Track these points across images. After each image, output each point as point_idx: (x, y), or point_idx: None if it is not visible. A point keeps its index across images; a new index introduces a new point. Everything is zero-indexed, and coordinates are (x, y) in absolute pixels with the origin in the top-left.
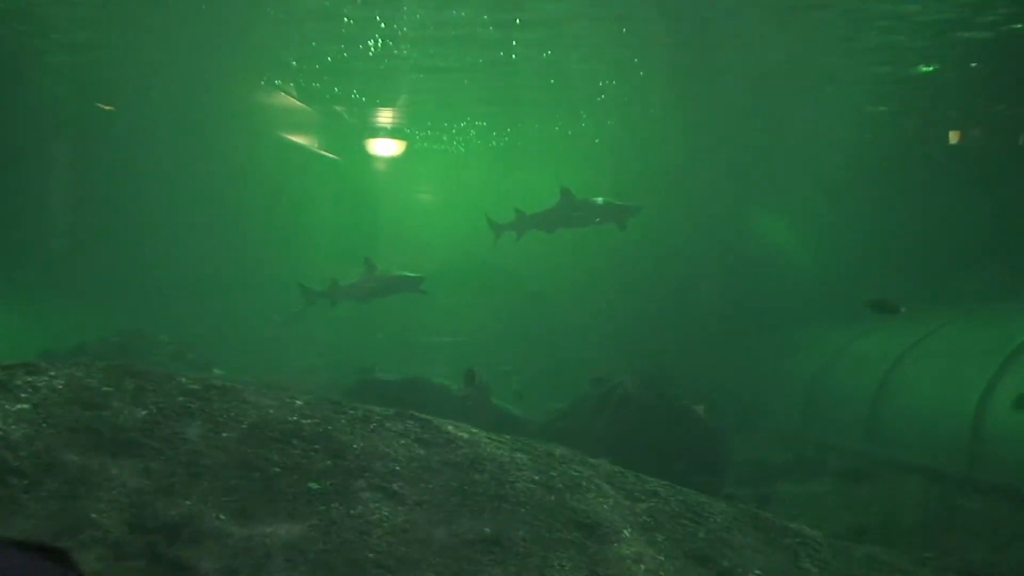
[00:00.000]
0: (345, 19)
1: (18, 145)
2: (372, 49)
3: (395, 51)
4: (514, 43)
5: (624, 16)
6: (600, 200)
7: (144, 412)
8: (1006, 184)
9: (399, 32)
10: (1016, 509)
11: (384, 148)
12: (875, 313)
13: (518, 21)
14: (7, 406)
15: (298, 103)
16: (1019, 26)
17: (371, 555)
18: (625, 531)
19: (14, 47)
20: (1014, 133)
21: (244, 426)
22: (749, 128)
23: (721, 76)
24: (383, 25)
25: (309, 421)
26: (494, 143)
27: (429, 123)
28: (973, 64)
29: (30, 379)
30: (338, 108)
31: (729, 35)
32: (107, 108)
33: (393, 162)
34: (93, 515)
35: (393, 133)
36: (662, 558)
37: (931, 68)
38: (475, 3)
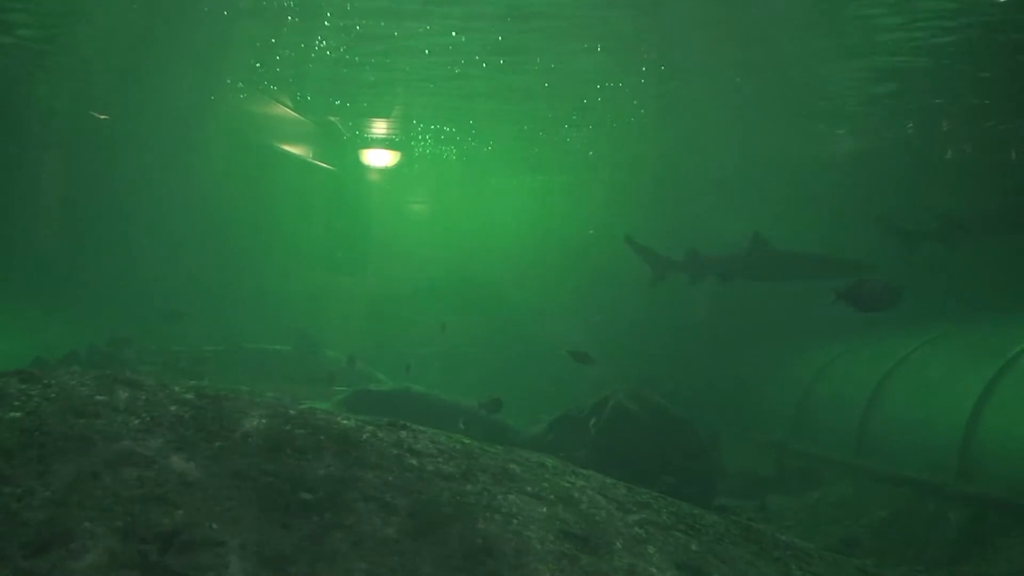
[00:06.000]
0: (288, 17)
1: (10, 153)
2: (327, 51)
3: (346, 56)
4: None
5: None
6: None
7: (137, 421)
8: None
9: (352, 30)
10: (1006, 521)
11: (377, 158)
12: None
13: (500, 38)
14: (0, 414)
15: (292, 113)
16: None
17: (363, 565)
18: (617, 543)
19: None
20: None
21: (236, 435)
22: (737, 132)
23: (718, 76)
24: (327, 23)
25: (302, 431)
26: (488, 149)
27: (419, 125)
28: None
29: (23, 387)
30: (332, 118)
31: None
32: (101, 117)
33: (385, 172)
34: (86, 524)
35: (386, 143)
36: (654, 570)
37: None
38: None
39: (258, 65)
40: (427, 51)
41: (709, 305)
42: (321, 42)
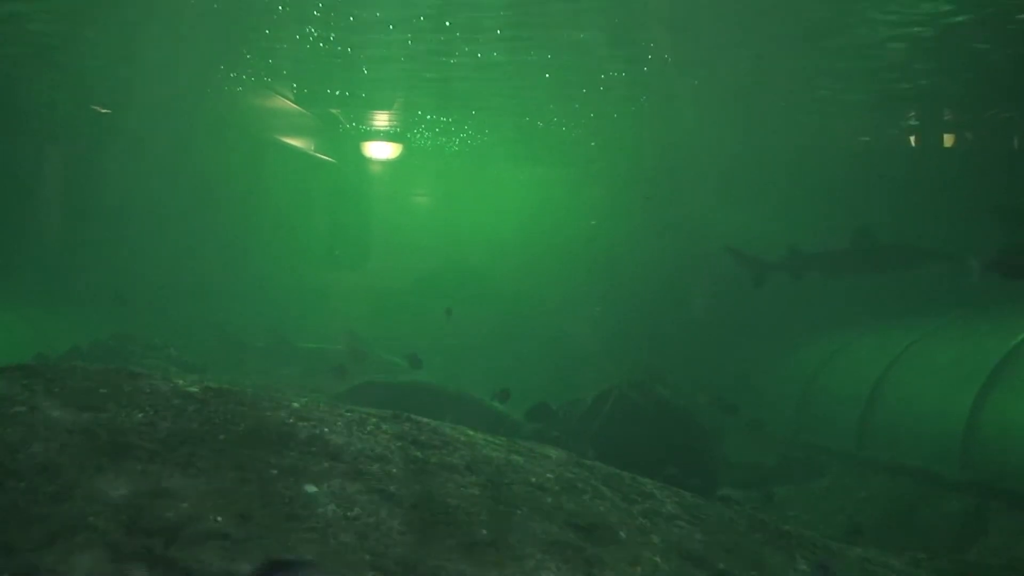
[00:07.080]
0: (280, 7)
1: (12, 149)
2: (321, 42)
3: (338, 47)
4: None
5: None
6: None
7: (141, 415)
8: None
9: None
10: (1008, 509)
11: (378, 150)
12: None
13: (499, 32)
14: (3, 409)
15: (293, 105)
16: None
17: (368, 558)
18: (621, 533)
19: (9, 53)
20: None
21: (240, 429)
22: (740, 127)
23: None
24: (317, 14)
25: (305, 424)
26: (486, 137)
27: (421, 115)
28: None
29: (26, 382)
30: (333, 111)
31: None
32: (103, 111)
33: (387, 164)
34: (90, 517)
35: (387, 135)
36: (658, 559)
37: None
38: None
39: (249, 56)
40: (414, 41)
41: (710, 298)
42: (313, 33)
